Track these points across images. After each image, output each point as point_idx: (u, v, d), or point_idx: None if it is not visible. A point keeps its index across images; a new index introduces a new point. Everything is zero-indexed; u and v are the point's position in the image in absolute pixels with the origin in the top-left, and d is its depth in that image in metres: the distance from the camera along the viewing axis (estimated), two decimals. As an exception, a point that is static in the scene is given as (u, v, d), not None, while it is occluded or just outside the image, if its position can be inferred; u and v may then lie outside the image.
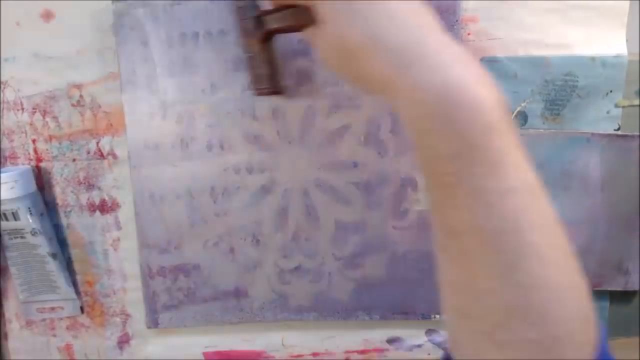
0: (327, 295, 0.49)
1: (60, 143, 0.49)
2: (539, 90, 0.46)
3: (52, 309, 0.51)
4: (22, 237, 0.47)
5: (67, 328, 0.52)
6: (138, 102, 0.47)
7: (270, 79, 0.41)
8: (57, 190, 0.50)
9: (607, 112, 0.47)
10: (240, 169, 0.47)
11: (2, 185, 0.45)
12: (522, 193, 0.26)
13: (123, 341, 0.52)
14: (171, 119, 0.47)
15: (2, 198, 0.45)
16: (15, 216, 0.46)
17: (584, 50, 0.46)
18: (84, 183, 0.49)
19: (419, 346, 0.52)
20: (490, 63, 0.47)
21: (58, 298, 0.50)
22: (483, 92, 0.26)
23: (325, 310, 0.49)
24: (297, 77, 0.46)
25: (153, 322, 0.50)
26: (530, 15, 0.46)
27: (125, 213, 0.50)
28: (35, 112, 0.48)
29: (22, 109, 0.48)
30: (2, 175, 0.45)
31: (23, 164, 0.49)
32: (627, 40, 0.46)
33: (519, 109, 0.46)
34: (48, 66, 0.48)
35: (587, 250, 0.47)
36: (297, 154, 0.47)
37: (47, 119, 0.48)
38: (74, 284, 0.51)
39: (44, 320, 0.52)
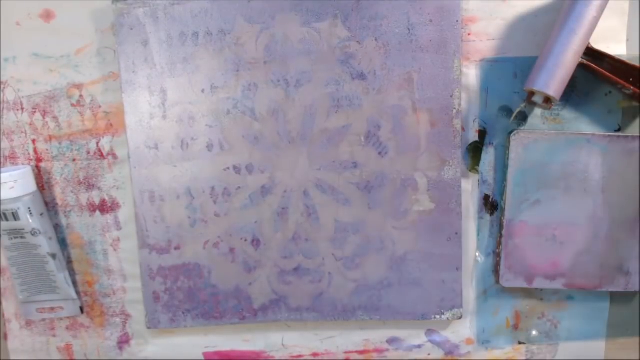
0: (327, 295, 0.49)
1: (60, 143, 0.49)
2: (539, 91, 0.46)
3: (52, 309, 0.51)
4: (22, 237, 0.47)
5: (67, 328, 0.52)
6: (138, 102, 0.47)
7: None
8: (57, 190, 0.50)
9: (608, 113, 0.47)
10: (240, 169, 0.47)
11: (2, 185, 0.45)
12: None
13: (123, 341, 0.52)
14: (171, 119, 0.47)
15: (2, 198, 0.45)
16: (15, 216, 0.46)
17: (584, 50, 0.46)
18: (84, 183, 0.49)
19: (419, 346, 0.52)
20: (491, 63, 0.47)
21: (58, 298, 0.50)
22: None
23: (325, 310, 0.49)
24: (298, 77, 0.46)
25: (153, 323, 0.50)
26: (530, 16, 0.46)
27: (125, 213, 0.50)
28: (35, 112, 0.48)
29: (22, 109, 0.48)
30: (2, 175, 0.45)
31: (23, 164, 0.49)
32: (627, 40, 0.46)
33: (519, 109, 0.46)
34: (48, 66, 0.48)
35: (587, 251, 0.47)
36: (297, 154, 0.47)
37: (47, 119, 0.48)
38: (74, 284, 0.51)
39: (43, 320, 0.52)
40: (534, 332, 0.51)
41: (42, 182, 0.50)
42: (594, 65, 0.43)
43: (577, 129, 0.47)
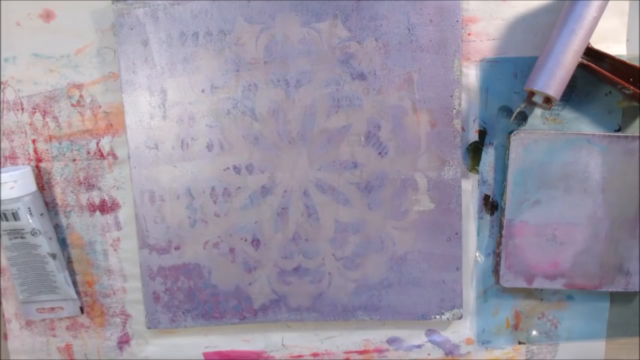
0: (327, 295, 0.49)
1: (60, 143, 0.49)
2: (539, 91, 0.46)
3: (52, 309, 0.51)
4: (22, 237, 0.47)
5: (67, 328, 0.52)
6: (138, 102, 0.47)
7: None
8: (57, 190, 0.50)
9: (608, 113, 0.47)
10: (240, 169, 0.47)
11: (2, 185, 0.45)
12: None
13: (123, 341, 0.52)
14: (171, 119, 0.47)
15: (2, 198, 0.45)
16: (15, 216, 0.46)
17: (584, 50, 0.46)
18: (84, 183, 0.49)
19: (419, 346, 0.52)
20: (490, 63, 0.47)
21: (58, 298, 0.50)
22: None
23: (325, 310, 0.49)
24: (298, 77, 0.46)
25: (153, 323, 0.50)
26: (530, 16, 0.46)
27: (125, 213, 0.50)
28: (35, 112, 0.48)
29: (22, 109, 0.48)
30: (2, 175, 0.45)
31: (23, 164, 0.49)
32: (627, 40, 0.46)
33: (519, 109, 0.46)
34: (48, 66, 0.48)
35: (587, 251, 0.47)
36: (297, 154, 0.47)
37: (47, 119, 0.48)
38: (74, 284, 0.51)
39: (44, 320, 0.52)
40: (534, 332, 0.51)
41: (42, 182, 0.50)
42: (594, 65, 0.43)
43: (577, 129, 0.47)
